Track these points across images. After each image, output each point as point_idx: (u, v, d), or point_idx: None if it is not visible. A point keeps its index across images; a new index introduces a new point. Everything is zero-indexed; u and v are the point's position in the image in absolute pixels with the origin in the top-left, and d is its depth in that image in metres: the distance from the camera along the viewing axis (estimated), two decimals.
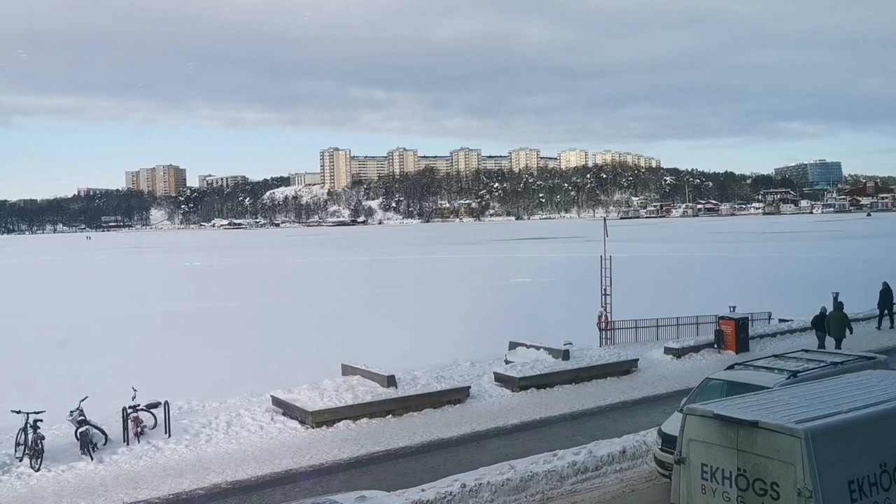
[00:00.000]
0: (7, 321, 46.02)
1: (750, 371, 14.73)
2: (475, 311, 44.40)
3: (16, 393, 21.23)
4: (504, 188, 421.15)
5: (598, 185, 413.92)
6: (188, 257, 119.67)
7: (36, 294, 66.87)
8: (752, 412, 9.93)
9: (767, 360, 15.74)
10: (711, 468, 10.08)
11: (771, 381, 13.50)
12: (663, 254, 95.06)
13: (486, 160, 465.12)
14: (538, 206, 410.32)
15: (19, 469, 16.43)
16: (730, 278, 59.55)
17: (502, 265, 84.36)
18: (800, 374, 13.86)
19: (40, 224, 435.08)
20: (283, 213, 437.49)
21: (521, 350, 26.58)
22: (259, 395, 22.14)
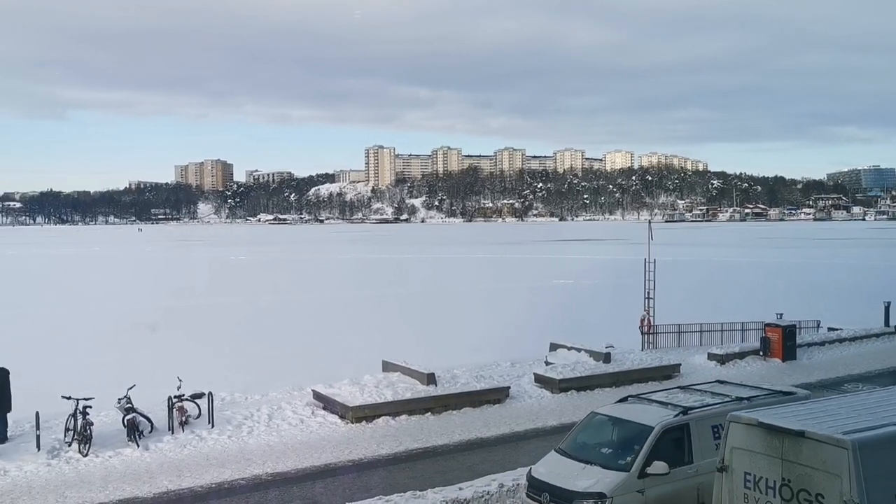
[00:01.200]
0: (60, 309, 47.22)
1: (638, 406, 13.28)
2: (516, 311, 44.27)
3: (66, 379, 21.76)
4: (548, 189, 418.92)
5: (644, 188, 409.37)
6: (234, 251, 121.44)
7: (87, 284, 68.45)
8: (798, 421, 9.74)
9: (670, 392, 14.20)
10: (755, 477, 9.92)
11: (656, 419, 12.27)
12: (709, 258, 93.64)
13: (531, 160, 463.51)
14: (582, 207, 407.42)
15: (68, 454, 16.86)
16: (778, 285, 58.45)
17: (545, 266, 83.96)
18: (692, 410, 12.49)
19: (93, 215, 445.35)
20: (328, 209, 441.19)
21: (561, 352, 26.44)
22: (300, 389, 22.38)
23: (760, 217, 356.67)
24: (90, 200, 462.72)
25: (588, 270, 74.95)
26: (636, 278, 32.90)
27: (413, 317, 42.91)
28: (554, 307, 45.06)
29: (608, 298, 48.38)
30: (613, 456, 12.22)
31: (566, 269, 76.65)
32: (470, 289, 59.07)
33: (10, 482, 15.45)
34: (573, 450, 12.71)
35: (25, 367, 22.15)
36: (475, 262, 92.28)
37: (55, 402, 17.79)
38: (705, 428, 12.34)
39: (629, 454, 11.92)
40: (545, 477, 12.30)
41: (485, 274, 75.06)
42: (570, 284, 61.08)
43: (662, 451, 11.82)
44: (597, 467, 11.92)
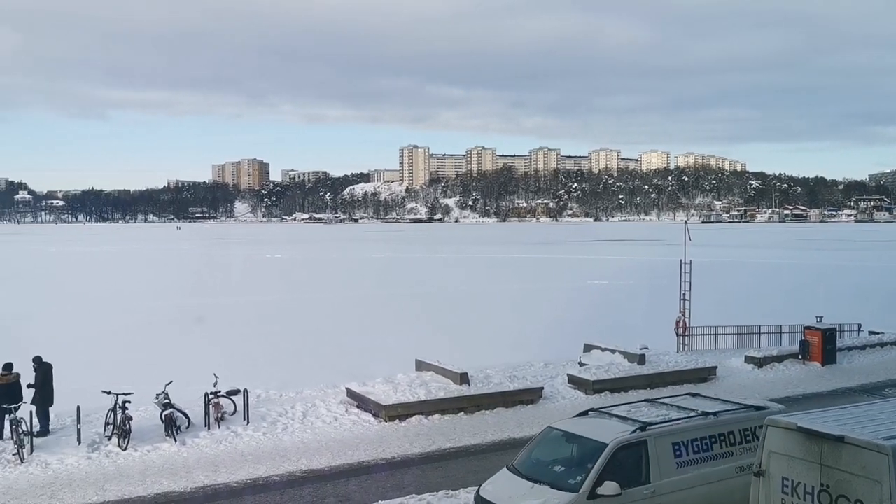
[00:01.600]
0: (100, 306, 48.09)
1: (596, 420, 12.39)
2: (550, 311, 44.10)
3: (106, 374, 22.18)
4: (583, 189, 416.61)
5: (680, 188, 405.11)
6: (270, 250, 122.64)
7: (127, 281, 69.62)
8: (838, 426, 9.58)
9: (633, 406, 13.26)
10: (793, 482, 9.77)
11: (611, 436, 11.36)
12: (747, 260, 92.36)
13: (565, 160, 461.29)
14: (617, 207, 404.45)
15: (108, 448, 17.18)
16: (818, 287, 57.45)
17: (579, 266, 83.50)
18: (651, 426, 11.59)
19: (132, 213, 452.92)
20: (362, 208, 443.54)
21: (595, 353, 26.29)
22: (334, 387, 22.54)
23: (800, 218, 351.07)
24: (130, 199, 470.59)
25: (623, 271, 74.40)
26: (672, 279, 32.59)
27: (446, 316, 42.97)
28: (588, 308, 44.80)
29: (643, 300, 47.97)
30: (564, 475, 11.40)
31: (601, 270, 76.16)
32: (503, 289, 58.98)
33: (51, 475, 15.79)
34: (525, 467, 11.92)
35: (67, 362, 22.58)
36: (509, 262, 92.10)
37: (95, 396, 18.16)
38: (665, 445, 11.50)
39: (580, 473, 11.13)
40: (491, 496, 11.55)
41: (518, 274, 74.88)
42: (604, 285, 60.69)
43: (616, 470, 11.01)
44: (545, 487, 11.14)
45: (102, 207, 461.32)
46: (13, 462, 16.29)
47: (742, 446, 12.14)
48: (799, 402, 21.92)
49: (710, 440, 11.96)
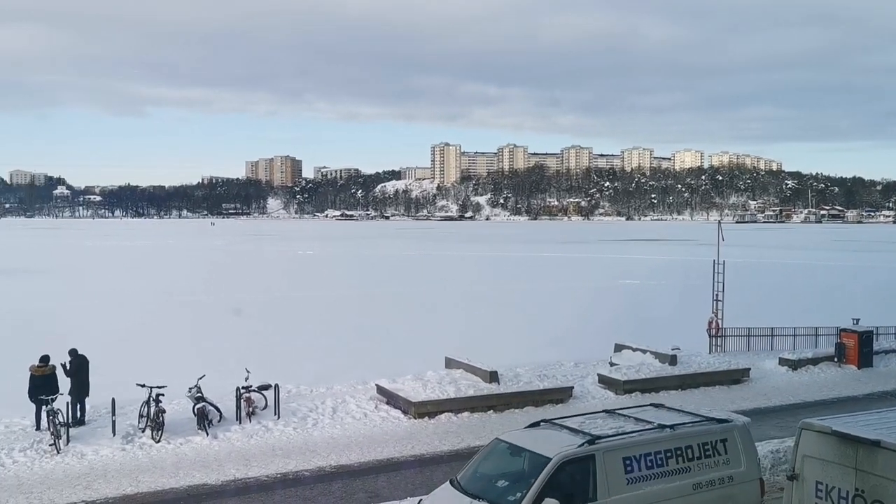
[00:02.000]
0: (135, 300, 48.79)
1: (545, 432, 11.57)
2: (581, 311, 43.88)
3: (140, 367, 22.51)
4: (615, 187, 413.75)
5: (714, 188, 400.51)
6: (302, 246, 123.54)
7: (162, 276, 70.57)
8: (874, 430, 9.44)
9: (589, 417, 12.46)
10: (827, 486, 9.64)
11: (556, 449, 10.55)
12: (782, 260, 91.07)
13: (598, 159, 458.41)
14: (650, 206, 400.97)
15: (141, 440, 17.46)
16: (854, 289, 56.44)
17: (610, 266, 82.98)
18: (601, 439, 10.80)
19: (167, 209, 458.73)
20: (394, 206, 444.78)
21: (626, 353, 26.13)
22: (364, 383, 22.69)
23: (837, 219, 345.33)
24: (164, 195, 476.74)
25: (655, 271, 73.78)
26: (704, 280, 32.24)
27: (476, 314, 42.95)
28: (619, 307, 44.50)
29: (675, 300, 47.53)
30: (505, 491, 10.70)
31: (632, 269, 75.61)
32: (533, 287, 58.80)
33: (86, 465, 16.08)
34: (468, 482, 11.23)
35: (103, 355, 22.96)
36: (540, 261, 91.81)
37: (130, 389, 18.45)
38: (615, 460, 10.73)
39: (521, 489, 10.40)
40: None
41: (549, 273, 74.60)
42: (635, 285, 60.23)
43: (559, 486, 10.27)
44: None
45: (138, 203, 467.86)
46: (50, 452, 16.62)
47: (701, 461, 11.38)
48: (834, 406, 21.61)
49: (666, 455, 11.15)
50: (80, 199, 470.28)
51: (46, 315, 40.74)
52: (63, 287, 58.41)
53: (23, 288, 57.22)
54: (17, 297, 50.06)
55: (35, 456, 16.46)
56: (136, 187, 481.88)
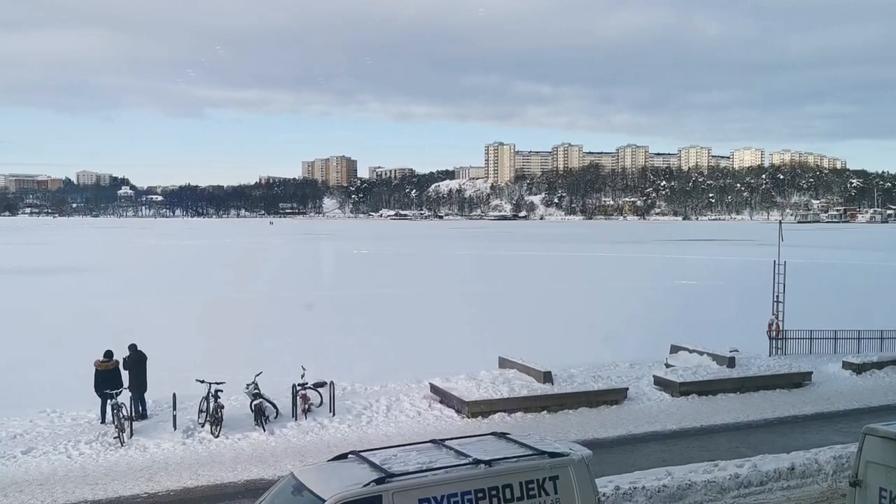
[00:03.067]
0: (195, 298, 49.91)
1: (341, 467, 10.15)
2: (636, 311, 43.36)
3: (200, 363, 23.04)
4: (671, 187, 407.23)
5: (775, 187, 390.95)
6: (357, 245, 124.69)
7: (220, 274, 72.05)
8: None
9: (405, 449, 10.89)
10: (890, 493, 9.38)
11: (336, 489, 9.06)
12: (845, 261, 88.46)
13: (654, 157, 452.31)
14: (707, 206, 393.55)
15: (201, 434, 17.88)
16: None
17: (667, 266, 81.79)
18: (394, 477, 9.27)
19: (226, 209, 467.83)
20: (447, 205, 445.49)
21: (682, 354, 25.75)
22: (418, 382, 22.82)
23: None
24: (223, 194, 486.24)
25: (712, 271, 72.42)
26: (764, 281, 31.59)
27: (530, 314, 42.80)
28: (675, 308, 43.84)
29: (733, 301, 46.62)
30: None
31: (689, 270, 74.38)
32: (588, 287, 58.33)
33: (149, 458, 16.54)
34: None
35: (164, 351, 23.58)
36: (594, 261, 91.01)
37: (190, 384, 18.90)
38: (410, 501, 9.27)
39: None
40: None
41: (604, 273, 73.90)
42: (692, 285, 59.24)
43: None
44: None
45: (198, 202, 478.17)
46: (114, 445, 17.14)
47: (523, 503, 9.84)
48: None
49: (477, 495, 9.57)
50: (142, 199, 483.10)
51: (111, 311, 42.00)
52: (127, 284, 60.09)
53: (89, 285, 59.06)
54: (83, 295, 51.71)
55: (100, 448, 16.99)
56: (196, 187, 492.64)
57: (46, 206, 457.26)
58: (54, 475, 15.39)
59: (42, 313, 41.70)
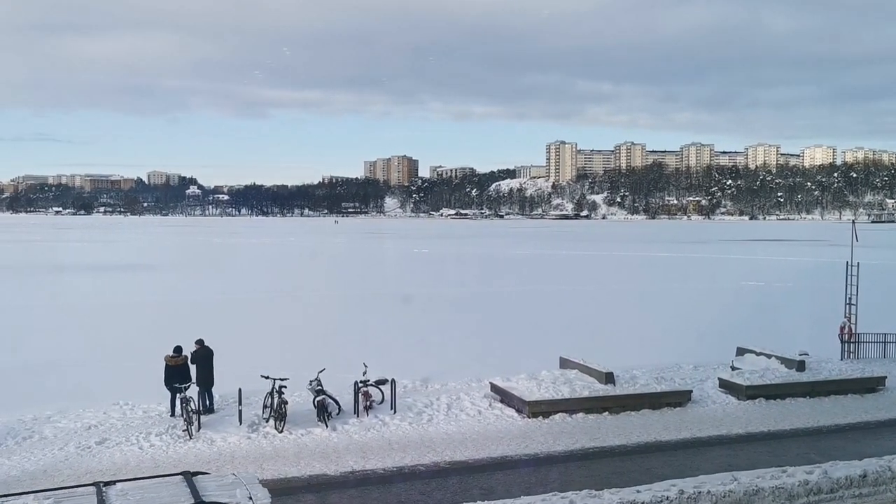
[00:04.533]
0: (260, 295, 50.91)
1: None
2: (701, 312, 42.55)
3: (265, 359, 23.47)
4: (738, 186, 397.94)
5: (847, 185, 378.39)
6: (418, 244, 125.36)
7: (285, 271, 73.34)
8: None
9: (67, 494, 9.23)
10: None
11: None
12: None
13: (719, 156, 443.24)
14: (775, 205, 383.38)
15: (265, 429, 18.24)
16: None
17: (733, 266, 79.96)
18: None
19: (290, 208, 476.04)
20: (508, 204, 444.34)
21: (749, 357, 25.17)
22: (478, 381, 22.85)
23: None
24: (287, 194, 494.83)
25: (781, 272, 70.51)
26: (836, 282, 30.64)
27: (592, 314, 42.39)
28: (742, 310, 42.84)
29: (803, 303, 45.30)
30: None
31: (756, 271, 72.55)
32: (652, 288, 57.46)
33: (216, 451, 16.95)
34: None
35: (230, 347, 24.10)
36: (657, 261, 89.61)
37: (255, 380, 19.30)
38: None
39: None
40: None
41: (667, 273, 72.70)
42: (760, 286, 57.78)
43: None
44: None
45: (262, 202, 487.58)
46: (183, 437, 17.62)
47: None
48: None
49: None
50: (209, 198, 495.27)
51: (181, 307, 43.15)
52: (195, 281, 61.66)
53: (160, 282, 60.82)
54: (154, 291, 53.27)
55: (170, 440, 17.49)
56: (261, 187, 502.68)
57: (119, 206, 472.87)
58: (126, 465, 15.90)
59: (115, 309, 43.11)
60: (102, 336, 33.58)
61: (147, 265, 77.81)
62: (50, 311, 41.69)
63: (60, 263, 78.99)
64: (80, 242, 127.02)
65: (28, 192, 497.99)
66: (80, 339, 32.97)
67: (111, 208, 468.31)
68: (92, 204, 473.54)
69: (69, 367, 26.47)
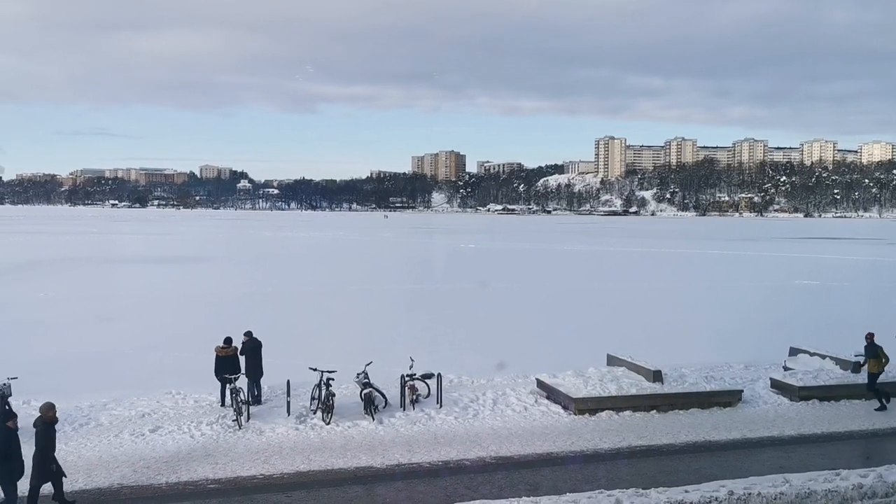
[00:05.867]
0: (310, 288, 51.50)
1: None
2: (752, 311, 41.78)
3: (313, 351, 23.76)
4: (792, 182, 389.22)
5: None
6: (464, 239, 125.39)
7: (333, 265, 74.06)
8: None
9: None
10: None
11: None
12: None
13: (773, 152, 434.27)
14: (831, 202, 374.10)
15: (313, 421, 18.46)
16: None
17: (786, 264, 78.30)
18: None
19: (338, 202, 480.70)
20: (556, 200, 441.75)
21: (802, 357, 24.62)
22: (524, 377, 22.79)
23: None
24: (335, 188, 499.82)
25: (837, 271, 68.80)
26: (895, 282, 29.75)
27: (640, 311, 41.89)
28: (795, 309, 41.97)
29: (860, 303, 44.19)
30: None
31: (811, 269, 70.88)
32: (702, 285, 56.57)
33: (264, 441, 17.22)
34: None
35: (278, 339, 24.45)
36: (708, 258, 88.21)
37: (302, 372, 19.55)
38: None
39: None
40: None
41: (718, 271, 71.49)
42: (814, 285, 56.50)
43: None
44: None
45: (311, 196, 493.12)
46: (233, 427, 17.94)
47: None
48: None
49: None
50: (259, 192, 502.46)
51: (233, 299, 43.90)
52: (245, 274, 62.66)
53: (212, 274, 61.98)
54: (206, 283, 54.30)
55: (220, 430, 17.82)
56: (310, 181, 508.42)
57: (172, 199, 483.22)
58: (178, 453, 16.26)
59: (169, 300, 44.06)
60: (156, 326, 34.36)
61: (199, 257, 79.32)
62: (106, 302, 42.77)
63: (117, 255, 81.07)
64: (136, 235, 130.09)
65: (86, 186, 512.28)
66: (134, 328, 33.77)
67: (164, 201, 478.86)
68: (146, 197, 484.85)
69: (124, 355, 27.15)
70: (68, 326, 34.10)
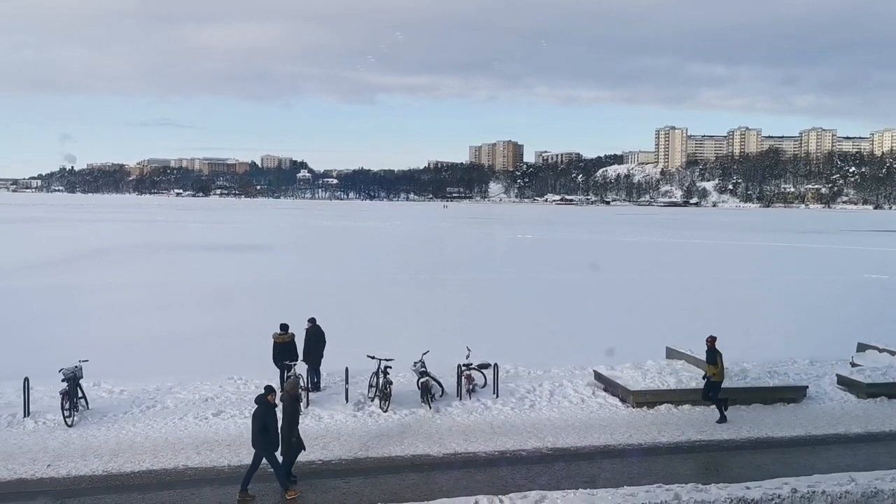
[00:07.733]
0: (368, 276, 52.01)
1: None
2: (818, 305, 40.67)
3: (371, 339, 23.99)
4: (862, 173, 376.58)
5: None
6: (522, 230, 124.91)
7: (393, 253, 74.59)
8: None
9: None
10: None
11: None
12: None
13: (842, 141, 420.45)
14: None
15: (370, 408, 18.68)
16: None
17: (855, 258, 75.93)
18: None
19: (396, 192, 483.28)
20: (615, 191, 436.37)
21: (871, 353, 23.89)
22: (582, 369, 22.64)
23: None
24: (393, 178, 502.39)
25: None
26: None
27: (701, 304, 41.14)
28: (863, 304, 40.68)
29: None
30: None
31: (881, 263, 68.60)
32: (765, 279, 55.30)
33: (323, 427, 17.50)
34: None
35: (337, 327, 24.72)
36: (772, 251, 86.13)
37: (360, 360, 19.76)
38: None
39: None
40: None
41: (783, 264, 69.75)
42: (884, 280, 54.69)
43: None
44: None
45: (370, 186, 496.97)
46: None
47: None
48: None
49: None
50: (319, 182, 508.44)
51: (293, 287, 44.60)
52: (305, 262, 63.61)
53: (273, 262, 63.09)
54: (268, 271, 55.33)
55: None
56: (369, 171, 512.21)
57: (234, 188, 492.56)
58: (240, 437, 16.61)
59: (232, 287, 44.95)
60: (219, 312, 35.09)
61: (261, 246, 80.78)
62: (171, 288, 43.92)
63: (182, 243, 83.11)
64: (200, 223, 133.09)
65: (152, 175, 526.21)
66: (198, 314, 34.57)
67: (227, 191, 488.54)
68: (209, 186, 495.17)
69: (188, 340, 27.88)
70: (136, 311, 35.16)
